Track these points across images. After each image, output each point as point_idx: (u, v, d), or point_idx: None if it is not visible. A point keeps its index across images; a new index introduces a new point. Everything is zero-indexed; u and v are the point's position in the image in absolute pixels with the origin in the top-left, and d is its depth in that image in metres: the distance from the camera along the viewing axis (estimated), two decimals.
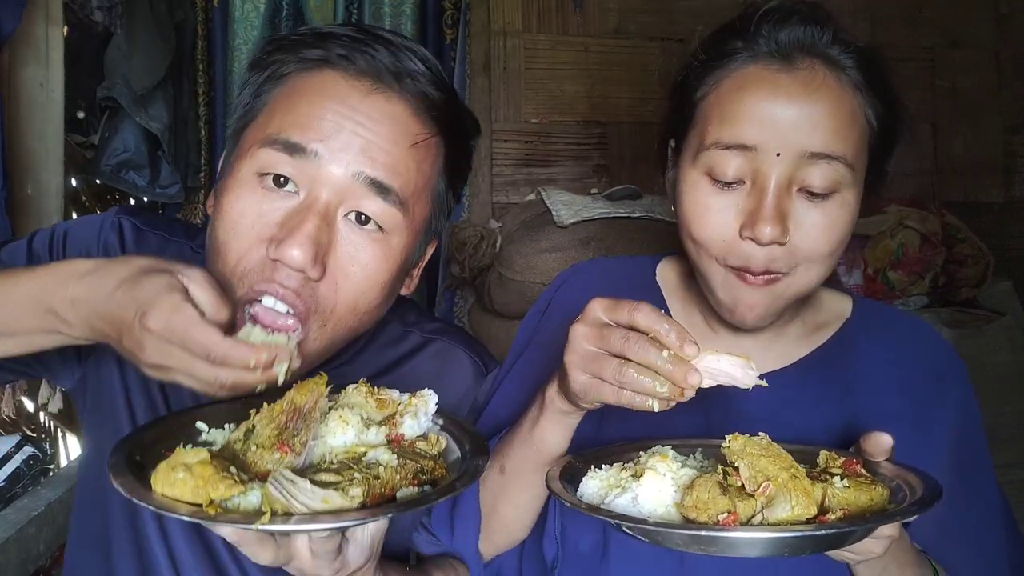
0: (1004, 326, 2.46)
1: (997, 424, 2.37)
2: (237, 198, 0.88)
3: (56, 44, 2.05)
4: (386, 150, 0.88)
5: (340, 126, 0.87)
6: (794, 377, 1.00)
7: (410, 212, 0.91)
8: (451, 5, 2.88)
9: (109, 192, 3.51)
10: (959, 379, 1.01)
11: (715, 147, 0.89)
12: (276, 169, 0.86)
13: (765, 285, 0.90)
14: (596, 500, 0.77)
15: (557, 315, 1.10)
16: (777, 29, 0.90)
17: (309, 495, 0.65)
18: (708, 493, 0.71)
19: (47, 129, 2.05)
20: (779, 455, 0.75)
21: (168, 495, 0.66)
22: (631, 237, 2.11)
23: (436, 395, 0.83)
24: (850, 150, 0.88)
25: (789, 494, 0.71)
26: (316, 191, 0.86)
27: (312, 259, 0.84)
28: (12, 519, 1.43)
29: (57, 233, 1.04)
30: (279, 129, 0.88)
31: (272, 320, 0.86)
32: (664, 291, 1.10)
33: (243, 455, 0.73)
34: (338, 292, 0.89)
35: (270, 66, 0.93)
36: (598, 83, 2.82)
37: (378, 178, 0.88)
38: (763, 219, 0.86)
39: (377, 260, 0.90)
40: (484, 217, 2.69)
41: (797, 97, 0.87)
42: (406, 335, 1.11)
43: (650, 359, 0.74)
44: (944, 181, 3.02)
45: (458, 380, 1.10)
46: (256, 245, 0.86)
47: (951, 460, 0.96)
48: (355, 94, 0.89)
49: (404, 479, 0.71)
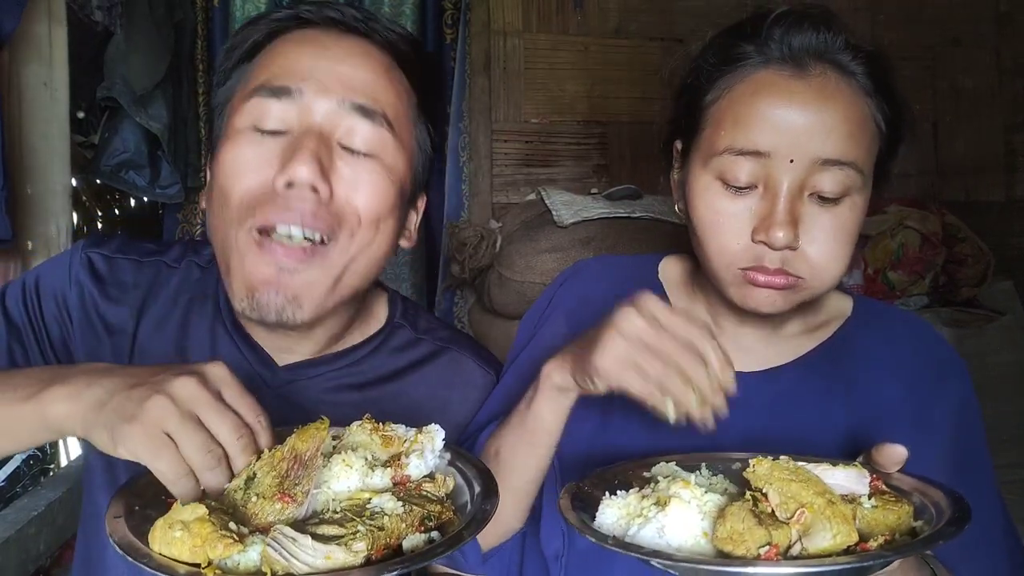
0: (1004, 326, 2.46)
1: (998, 424, 2.37)
2: (234, 145, 0.91)
3: (59, 43, 2.04)
4: (365, 79, 0.93)
5: (318, 65, 0.92)
6: (795, 373, 1.01)
7: (398, 135, 0.95)
8: (451, 5, 2.89)
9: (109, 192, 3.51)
10: (958, 376, 1.02)
11: (728, 152, 0.90)
12: (266, 114, 0.90)
13: (782, 290, 0.91)
14: (619, 532, 0.73)
15: (559, 312, 1.11)
16: (790, 34, 0.90)
17: (311, 552, 0.62)
18: (743, 523, 0.67)
19: (51, 129, 2.05)
20: (810, 479, 0.71)
21: (165, 554, 0.64)
22: (631, 237, 2.11)
23: (443, 431, 0.80)
24: (861, 155, 0.89)
25: (828, 521, 0.67)
26: (307, 121, 0.90)
27: (319, 173, 0.87)
28: (12, 519, 1.42)
29: (28, 285, 1.01)
30: (263, 80, 0.92)
31: (286, 251, 0.87)
32: (667, 288, 1.10)
33: (243, 505, 0.70)
34: (354, 204, 0.91)
35: (245, 41, 0.97)
36: (598, 83, 2.82)
37: (362, 103, 0.92)
38: (776, 224, 0.87)
39: (378, 176, 0.93)
40: (484, 217, 2.69)
41: (810, 104, 0.87)
42: (418, 342, 1.10)
43: (699, 375, 0.76)
44: (945, 181, 3.02)
45: (469, 391, 1.09)
46: (260, 181, 0.88)
47: (950, 457, 0.96)
48: (329, 38, 0.95)
49: (410, 527, 0.69)
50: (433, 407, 1.05)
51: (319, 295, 0.91)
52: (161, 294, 1.04)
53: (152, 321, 1.02)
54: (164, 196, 2.68)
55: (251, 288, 0.89)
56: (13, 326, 0.98)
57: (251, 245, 0.88)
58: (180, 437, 0.67)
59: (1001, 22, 3.05)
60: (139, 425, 0.67)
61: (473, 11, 2.76)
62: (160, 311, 1.03)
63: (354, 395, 1.03)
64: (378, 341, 1.07)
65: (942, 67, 3.02)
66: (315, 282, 0.90)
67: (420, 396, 1.06)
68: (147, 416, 0.67)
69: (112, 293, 1.02)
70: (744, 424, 0.98)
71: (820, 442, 0.96)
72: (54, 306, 1.00)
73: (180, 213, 2.87)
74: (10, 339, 0.97)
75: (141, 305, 1.02)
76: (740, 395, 1.01)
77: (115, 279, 1.02)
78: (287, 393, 1.01)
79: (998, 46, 3.05)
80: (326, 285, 0.91)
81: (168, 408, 0.67)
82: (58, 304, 1.01)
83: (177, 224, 2.89)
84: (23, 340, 0.98)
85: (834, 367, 1.01)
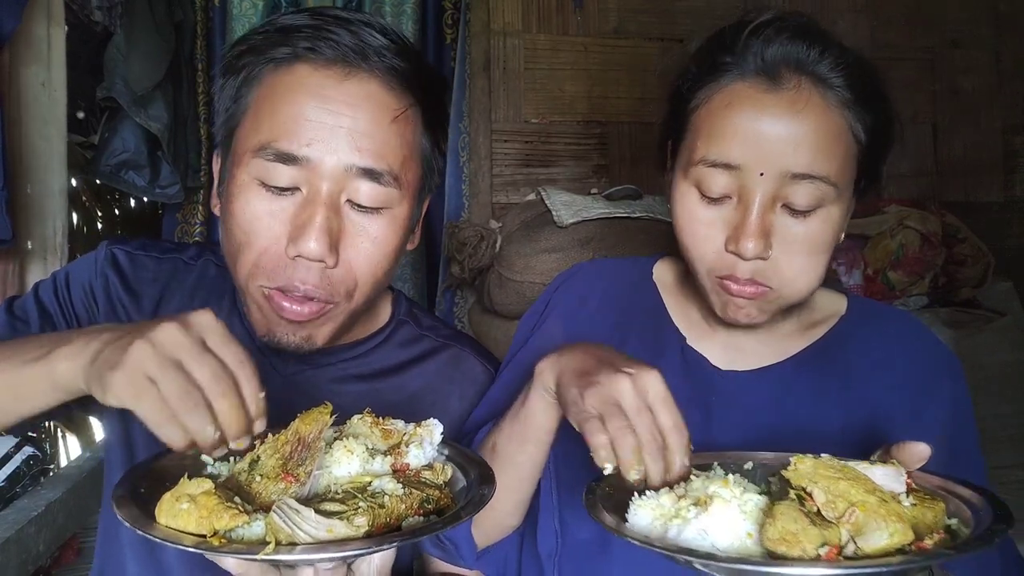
0: (1004, 326, 2.47)
1: (997, 424, 2.37)
2: (247, 203, 0.93)
3: (58, 44, 2.05)
4: (369, 134, 0.93)
5: (322, 123, 0.91)
6: (791, 371, 1.02)
7: (403, 183, 0.97)
8: (451, 5, 2.89)
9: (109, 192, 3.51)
10: (951, 374, 1.02)
11: (703, 163, 0.92)
12: (274, 178, 0.92)
13: (753, 299, 0.93)
14: (656, 533, 0.71)
15: (555, 314, 1.12)
16: (765, 46, 0.91)
17: (314, 524, 0.64)
18: (796, 523, 0.64)
19: (50, 129, 2.05)
20: (858, 477, 0.69)
21: (172, 526, 0.65)
22: (631, 237, 2.11)
23: (441, 425, 0.83)
24: (833, 168, 0.89)
25: (884, 520, 0.64)
26: (316, 185, 0.92)
27: (328, 248, 0.91)
28: (12, 519, 1.43)
29: (59, 280, 1.09)
30: (268, 138, 0.92)
31: (296, 303, 0.93)
32: (661, 290, 1.12)
33: (248, 486, 0.72)
34: (356, 270, 0.96)
35: (242, 69, 0.97)
36: (598, 83, 2.82)
37: (367, 166, 0.93)
38: (746, 235, 0.89)
39: (384, 232, 0.96)
40: (484, 217, 2.69)
41: (781, 117, 0.88)
42: (421, 338, 1.15)
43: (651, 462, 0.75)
44: (944, 181, 3.02)
45: (468, 386, 1.13)
46: (273, 243, 0.93)
47: (942, 455, 0.97)
48: (329, 83, 0.93)
49: (409, 508, 0.71)
50: (434, 400, 1.10)
51: (331, 332, 1.00)
52: (178, 289, 1.10)
53: (169, 312, 1.06)
54: (164, 196, 2.68)
55: (270, 330, 0.97)
56: (46, 314, 1.05)
57: (262, 299, 0.96)
58: (160, 380, 0.68)
59: (1000, 23, 3.05)
60: (121, 371, 0.69)
61: (473, 11, 2.77)
62: (177, 305, 1.09)
63: (360, 385, 1.08)
64: (383, 336, 1.12)
65: (941, 68, 3.02)
66: (326, 327, 0.99)
67: (421, 388, 1.10)
68: (129, 361, 0.69)
69: (133, 287, 1.09)
70: (739, 422, 0.99)
71: (814, 440, 0.96)
72: (82, 295, 1.07)
73: (180, 213, 2.87)
74: (43, 325, 1.03)
75: (159, 299, 1.09)
76: (735, 393, 1.02)
77: (136, 274, 1.09)
78: (295, 382, 1.06)
79: (997, 47, 3.05)
80: (336, 325, 1.00)
81: (148, 352, 0.69)
82: (86, 293, 1.07)
83: (176, 224, 2.88)
84: (56, 326, 1.04)
85: (828, 365, 1.02)
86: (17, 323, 1.03)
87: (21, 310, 1.05)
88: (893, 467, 0.73)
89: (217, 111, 1.02)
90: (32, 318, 1.04)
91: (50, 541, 1.51)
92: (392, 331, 1.13)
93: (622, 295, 1.12)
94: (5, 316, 1.04)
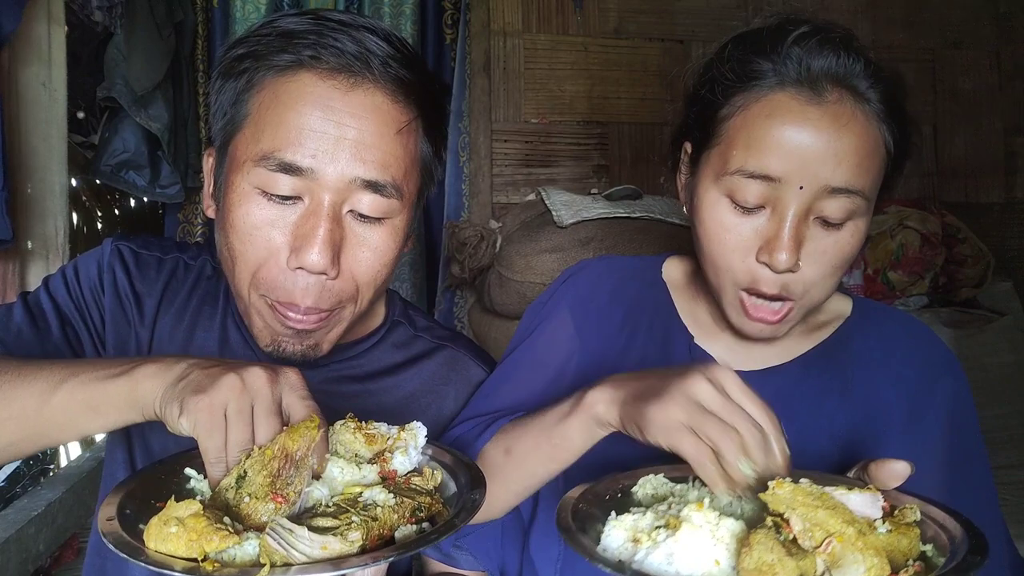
0: (1004, 326, 2.47)
1: (997, 424, 2.38)
2: (247, 213, 0.92)
3: (58, 44, 2.05)
4: (374, 145, 0.92)
5: (326, 133, 0.90)
6: (796, 372, 1.02)
7: (405, 193, 0.96)
8: (451, 5, 2.89)
9: (109, 192, 3.51)
10: (953, 376, 1.02)
11: (739, 174, 0.90)
12: (276, 188, 0.91)
13: (776, 323, 0.92)
14: (626, 555, 0.68)
15: (562, 307, 1.11)
16: (810, 57, 0.89)
17: (308, 543, 0.64)
18: (771, 554, 0.62)
19: (50, 129, 2.06)
20: (836, 506, 0.67)
21: (162, 550, 0.64)
22: (631, 237, 2.11)
23: (425, 428, 0.82)
24: (869, 183, 0.89)
25: (861, 553, 0.63)
26: (318, 196, 0.91)
27: (330, 261, 0.90)
28: (12, 519, 1.43)
29: (68, 274, 1.08)
30: (271, 147, 0.90)
31: (297, 321, 0.93)
32: (671, 289, 1.11)
33: (236, 505, 0.71)
34: (357, 280, 0.95)
35: (243, 74, 0.95)
36: (598, 83, 2.83)
37: (371, 178, 0.92)
38: (780, 247, 0.88)
39: (384, 241, 0.96)
40: (484, 217, 2.69)
41: (824, 131, 0.87)
42: (415, 339, 1.14)
43: (756, 448, 0.72)
44: (944, 182, 3.02)
45: (465, 388, 1.12)
46: (274, 254, 0.92)
47: (945, 456, 0.97)
48: (335, 94, 0.91)
49: (402, 518, 0.70)
50: (429, 401, 1.09)
51: (335, 337, 0.99)
52: (179, 287, 1.10)
53: (170, 311, 1.08)
54: (164, 196, 2.68)
55: (274, 340, 0.97)
56: (60, 309, 1.05)
57: (265, 308, 0.95)
58: (231, 424, 0.72)
59: (1001, 24, 3.06)
60: (207, 398, 0.72)
61: (473, 11, 2.77)
62: (177, 303, 1.09)
63: (354, 386, 1.07)
64: (378, 337, 1.11)
65: (942, 69, 3.02)
66: (330, 333, 0.98)
67: (416, 390, 1.10)
68: (217, 391, 0.72)
69: (138, 283, 1.09)
70: None
71: (818, 441, 0.96)
72: (90, 288, 1.07)
73: (180, 213, 2.87)
74: (60, 320, 1.04)
75: (161, 296, 1.09)
76: None
77: (140, 271, 1.09)
78: None
79: (998, 48, 3.06)
80: (340, 330, 0.99)
81: (237, 389, 0.72)
82: (93, 290, 1.07)
83: (177, 224, 2.89)
84: (71, 321, 1.05)
85: (832, 366, 1.02)
86: (35, 318, 1.03)
87: (36, 305, 1.05)
88: (870, 493, 0.72)
89: (213, 112, 1.00)
90: (48, 312, 1.04)
91: (50, 541, 1.51)
92: (387, 332, 1.12)
93: (631, 292, 1.11)
94: (23, 310, 1.03)
